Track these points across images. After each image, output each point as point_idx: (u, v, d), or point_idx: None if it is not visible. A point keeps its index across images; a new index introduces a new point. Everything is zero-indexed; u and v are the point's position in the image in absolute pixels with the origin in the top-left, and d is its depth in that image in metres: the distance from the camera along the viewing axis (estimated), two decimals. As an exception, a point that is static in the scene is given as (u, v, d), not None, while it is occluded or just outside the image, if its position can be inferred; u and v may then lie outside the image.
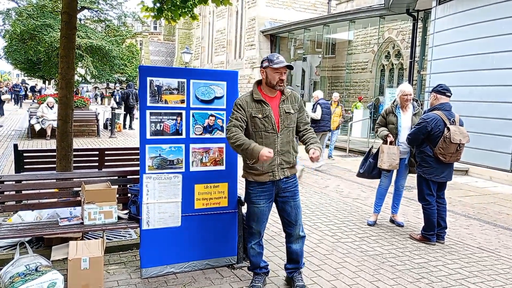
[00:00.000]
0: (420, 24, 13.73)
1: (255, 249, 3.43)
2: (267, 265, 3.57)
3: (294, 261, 3.49)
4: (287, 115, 3.26)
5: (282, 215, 3.43)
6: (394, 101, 5.27)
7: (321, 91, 10.58)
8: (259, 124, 3.21)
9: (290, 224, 3.41)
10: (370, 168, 5.30)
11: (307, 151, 3.26)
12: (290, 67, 3.23)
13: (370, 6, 15.73)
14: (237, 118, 3.21)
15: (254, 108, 3.22)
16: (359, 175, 5.51)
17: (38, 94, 30.19)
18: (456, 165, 4.91)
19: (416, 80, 14.09)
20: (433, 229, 4.75)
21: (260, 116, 3.20)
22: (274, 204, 3.44)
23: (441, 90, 4.69)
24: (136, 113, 17.92)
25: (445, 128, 4.53)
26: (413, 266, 4.08)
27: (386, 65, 19.16)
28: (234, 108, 3.27)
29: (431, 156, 4.63)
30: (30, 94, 37.26)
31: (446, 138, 4.49)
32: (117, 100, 24.93)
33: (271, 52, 21.95)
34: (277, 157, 3.24)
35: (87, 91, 36.24)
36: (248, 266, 3.67)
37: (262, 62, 3.26)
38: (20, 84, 36.13)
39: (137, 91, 16.75)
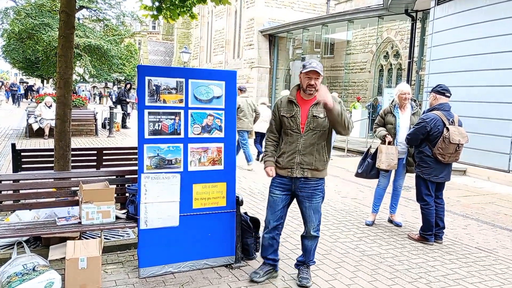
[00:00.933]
0: (418, 25, 13.74)
1: (265, 238, 3.62)
2: (275, 259, 3.67)
3: (303, 255, 3.67)
4: (314, 118, 3.40)
5: (300, 210, 3.61)
6: (392, 101, 5.27)
7: (288, 90, 10.58)
8: (286, 123, 3.47)
9: (304, 221, 3.60)
10: (369, 168, 5.30)
11: None
12: (318, 73, 3.31)
13: (369, 6, 15.74)
14: (272, 120, 3.62)
15: (285, 108, 3.49)
16: (358, 175, 5.51)
17: (36, 94, 30.12)
18: (454, 165, 4.92)
19: (414, 80, 14.10)
20: (431, 229, 4.75)
21: (288, 115, 3.46)
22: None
23: (441, 90, 4.70)
24: (130, 112, 17.90)
25: (444, 128, 4.53)
26: (411, 266, 4.08)
27: (384, 65, 19.17)
28: (273, 109, 3.63)
29: (430, 156, 4.63)
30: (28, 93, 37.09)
31: (445, 139, 4.50)
32: (113, 100, 24.94)
33: (270, 52, 21.96)
34: (297, 156, 3.42)
35: (83, 91, 35.96)
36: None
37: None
38: (18, 83, 36.00)
39: (122, 90, 16.75)
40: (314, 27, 18.71)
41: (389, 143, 5.08)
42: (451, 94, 4.74)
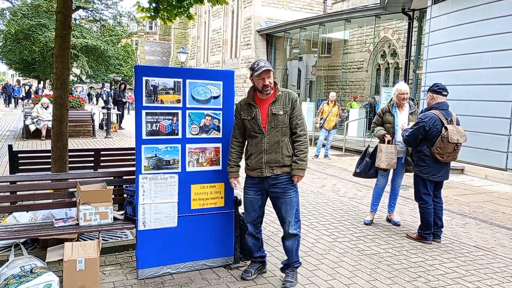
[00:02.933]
0: (415, 23, 13.76)
1: (249, 239, 3.67)
2: (264, 256, 3.75)
3: (287, 255, 3.63)
4: (274, 117, 3.41)
5: (275, 210, 3.60)
6: (390, 100, 5.27)
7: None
8: (248, 125, 3.47)
9: (280, 219, 3.58)
10: (367, 167, 5.30)
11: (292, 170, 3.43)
12: (269, 71, 3.36)
13: (366, 6, 15.75)
14: (235, 125, 3.59)
15: (245, 111, 3.48)
16: (356, 174, 5.50)
17: (34, 95, 29.98)
18: (452, 164, 4.92)
19: (411, 79, 14.12)
20: (430, 228, 4.75)
21: (248, 118, 3.46)
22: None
23: (437, 89, 4.69)
24: (125, 112, 17.82)
25: (443, 128, 4.53)
26: (410, 265, 4.08)
27: (381, 64, 19.19)
28: (234, 113, 3.60)
29: (428, 156, 4.63)
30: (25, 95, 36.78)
31: (444, 138, 4.49)
32: (105, 99, 24.85)
33: (267, 52, 21.95)
34: (264, 155, 3.42)
35: (76, 91, 35.63)
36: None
37: (250, 70, 3.47)
38: (19, 85, 35.79)
39: (117, 91, 16.68)
40: (311, 27, 18.70)
41: (388, 142, 5.07)
42: (448, 93, 4.73)
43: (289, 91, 3.51)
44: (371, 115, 15.84)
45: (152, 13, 4.90)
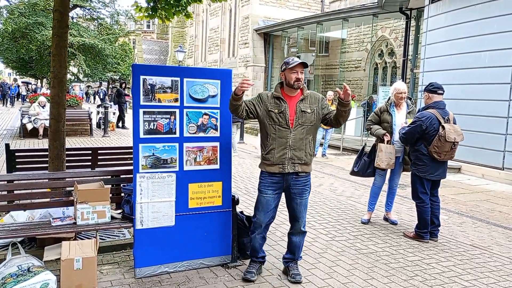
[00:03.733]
0: (413, 23, 13.78)
1: (257, 239, 3.65)
2: (265, 256, 3.77)
3: (291, 251, 3.71)
4: (302, 114, 3.47)
5: (288, 208, 3.67)
6: (388, 99, 5.28)
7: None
8: (274, 118, 3.46)
9: (293, 218, 3.65)
10: (365, 166, 5.30)
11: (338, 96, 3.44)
12: (305, 65, 3.45)
13: (364, 5, 15.75)
14: (248, 101, 3.51)
15: (272, 104, 3.49)
16: (353, 173, 5.51)
17: (31, 93, 29.86)
18: (448, 163, 4.94)
19: (409, 79, 14.14)
20: (427, 227, 4.77)
21: (276, 111, 3.46)
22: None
23: (432, 88, 4.70)
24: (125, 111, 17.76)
25: (440, 127, 4.54)
26: (406, 264, 4.10)
27: (379, 63, 19.21)
28: (253, 99, 3.57)
29: (425, 155, 4.64)
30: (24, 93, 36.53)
31: (441, 137, 4.50)
32: (101, 97, 24.76)
33: (265, 51, 21.92)
34: (288, 151, 3.45)
35: (73, 90, 35.42)
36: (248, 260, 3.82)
37: (281, 67, 3.56)
38: (13, 83, 35.61)
39: (121, 89, 16.64)
40: (309, 26, 18.70)
41: (388, 142, 5.08)
42: (443, 91, 4.74)
43: (315, 92, 3.64)
44: (368, 114, 15.85)
45: (150, 12, 4.89)
